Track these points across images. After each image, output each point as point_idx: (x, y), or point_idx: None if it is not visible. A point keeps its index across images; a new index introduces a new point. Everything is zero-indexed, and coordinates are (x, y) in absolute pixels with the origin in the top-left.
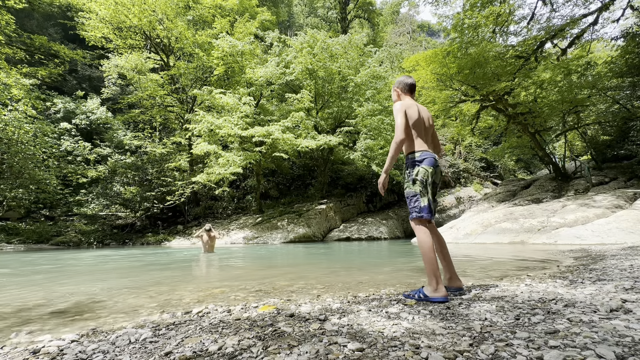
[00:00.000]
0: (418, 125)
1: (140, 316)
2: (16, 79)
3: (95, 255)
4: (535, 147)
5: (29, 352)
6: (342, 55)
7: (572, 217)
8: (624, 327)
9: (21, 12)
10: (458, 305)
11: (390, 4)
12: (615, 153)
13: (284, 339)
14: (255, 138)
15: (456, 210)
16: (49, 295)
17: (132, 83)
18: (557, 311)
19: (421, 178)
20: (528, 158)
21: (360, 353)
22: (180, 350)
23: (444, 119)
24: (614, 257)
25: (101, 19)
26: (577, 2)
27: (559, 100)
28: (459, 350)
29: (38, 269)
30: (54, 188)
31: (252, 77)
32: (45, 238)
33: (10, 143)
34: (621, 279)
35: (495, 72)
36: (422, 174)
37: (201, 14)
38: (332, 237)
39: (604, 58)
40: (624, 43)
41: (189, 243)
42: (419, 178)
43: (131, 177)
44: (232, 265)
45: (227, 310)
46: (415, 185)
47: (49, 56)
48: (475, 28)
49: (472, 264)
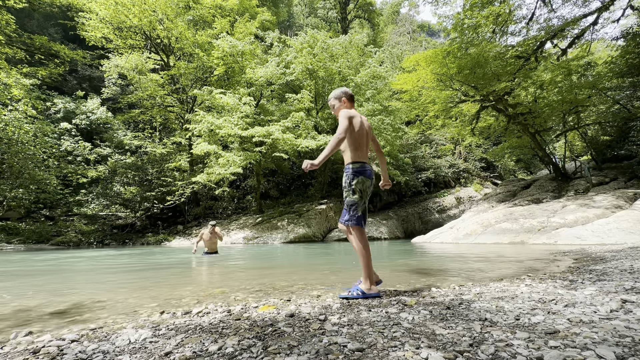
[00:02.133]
0: (360, 137)
1: (140, 316)
2: (16, 79)
3: (95, 255)
4: (536, 147)
5: (29, 352)
6: (343, 56)
7: (572, 217)
8: (624, 328)
9: (21, 12)
10: (458, 305)
11: (391, 4)
12: (616, 153)
13: (284, 339)
14: (255, 138)
15: (456, 211)
16: (49, 295)
17: (132, 83)
18: (557, 311)
19: (361, 188)
20: (528, 158)
21: (360, 353)
22: (180, 351)
23: (444, 119)
24: (614, 257)
25: (101, 19)
26: (576, 2)
27: (559, 100)
28: (459, 350)
29: (38, 269)
30: (54, 188)
31: (252, 77)
32: (45, 238)
33: (11, 143)
34: (621, 279)
35: (496, 72)
36: (362, 185)
37: (201, 14)
38: (332, 237)
39: (604, 58)
40: (624, 43)
41: (189, 243)
42: (359, 188)
43: (131, 177)
44: (232, 266)
45: (227, 311)
46: (355, 195)
47: (49, 56)
48: (475, 28)
49: (472, 264)
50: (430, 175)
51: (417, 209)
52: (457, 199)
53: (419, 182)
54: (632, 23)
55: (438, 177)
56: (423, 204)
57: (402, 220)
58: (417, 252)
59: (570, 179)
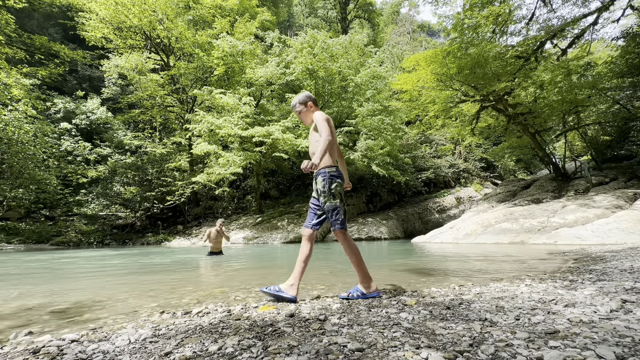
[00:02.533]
0: (334, 141)
1: (140, 316)
2: (16, 79)
3: (95, 255)
4: (536, 147)
5: (29, 352)
6: (343, 56)
7: (572, 217)
8: (624, 328)
9: (21, 12)
10: (458, 305)
11: (391, 4)
12: (615, 153)
13: (283, 339)
14: (255, 138)
15: (456, 211)
16: (49, 295)
17: (132, 83)
18: (557, 311)
19: (340, 191)
20: (528, 158)
21: (360, 353)
22: (180, 351)
23: (444, 119)
24: (614, 257)
25: (101, 19)
26: (576, 2)
27: (559, 100)
28: (459, 350)
29: (38, 269)
30: (54, 188)
31: (252, 77)
32: (45, 238)
33: (11, 143)
34: (621, 280)
35: (495, 72)
36: (340, 187)
37: (201, 14)
38: (332, 238)
39: (604, 58)
40: (624, 43)
41: (189, 243)
42: (338, 191)
43: (131, 177)
44: (232, 266)
45: (227, 311)
46: (337, 199)
47: (49, 56)
48: (475, 28)
49: (472, 264)
50: (430, 175)
51: (417, 209)
52: (457, 199)
53: (419, 182)
54: (632, 23)
55: (438, 177)
56: (423, 204)
57: (402, 220)
58: (417, 252)
59: (570, 179)
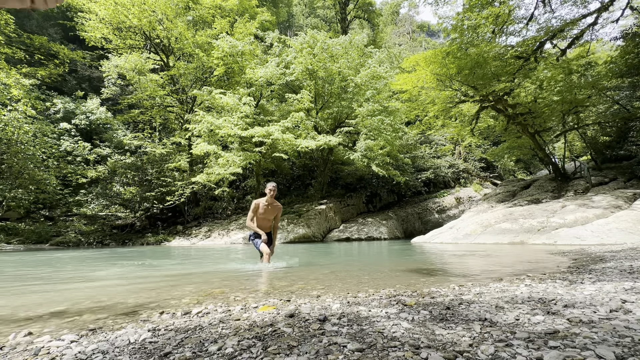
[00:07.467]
0: None
1: (139, 316)
2: (16, 79)
3: (94, 255)
4: (535, 147)
5: (29, 352)
6: (343, 56)
7: (572, 217)
8: (624, 328)
9: (21, 12)
10: (458, 305)
11: (390, 5)
12: (615, 153)
13: (283, 339)
14: (255, 138)
15: (456, 211)
16: (48, 295)
17: (132, 83)
18: (557, 311)
19: None
20: (528, 158)
21: (360, 353)
22: (179, 351)
23: (443, 120)
24: (614, 257)
25: (101, 19)
26: (576, 2)
27: (558, 100)
28: (459, 350)
29: (37, 270)
30: (54, 188)
31: (252, 78)
32: (44, 238)
33: (10, 143)
34: (621, 280)
35: (495, 72)
36: None
37: (201, 15)
38: (332, 238)
39: (604, 58)
40: (624, 43)
41: (188, 243)
42: None
43: (131, 178)
44: (232, 266)
45: (226, 311)
46: None
47: (48, 56)
48: (475, 28)
49: (471, 265)
50: (430, 175)
51: (417, 209)
52: (456, 199)
53: (418, 182)
54: (631, 23)
55: (438, 177)
56: (423, 204)
57: (402, 221)
58: (417, 252)
59: (570, 179)
